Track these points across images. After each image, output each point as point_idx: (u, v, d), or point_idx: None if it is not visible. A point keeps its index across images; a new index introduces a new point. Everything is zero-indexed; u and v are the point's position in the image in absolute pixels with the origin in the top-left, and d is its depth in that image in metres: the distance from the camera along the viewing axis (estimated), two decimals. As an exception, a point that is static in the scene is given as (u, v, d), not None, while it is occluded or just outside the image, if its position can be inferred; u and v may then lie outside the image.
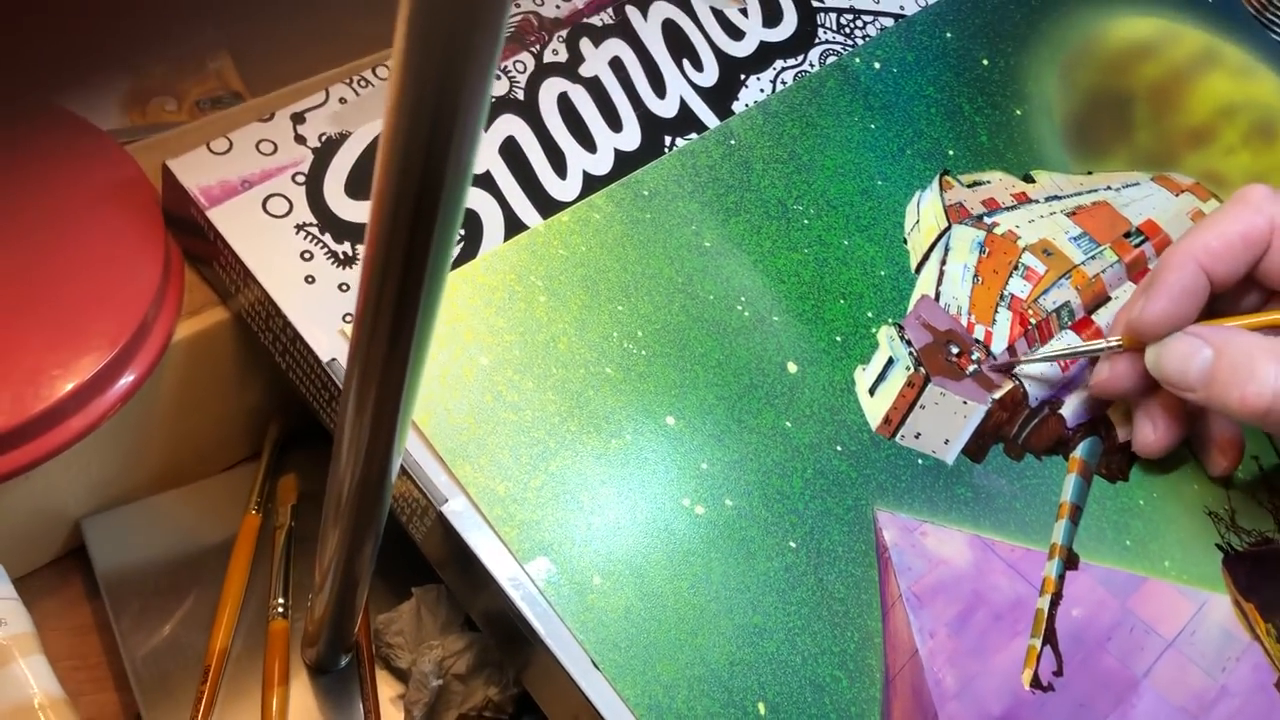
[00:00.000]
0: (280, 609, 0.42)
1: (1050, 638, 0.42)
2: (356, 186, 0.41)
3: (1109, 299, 0.49)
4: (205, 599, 0.43)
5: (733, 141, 0.47)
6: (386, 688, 0.42)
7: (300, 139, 0.41)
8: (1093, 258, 0.50)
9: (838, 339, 0.45)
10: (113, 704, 0.42)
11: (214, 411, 0.45)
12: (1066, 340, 0.47)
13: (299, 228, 0.40)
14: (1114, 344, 0.45)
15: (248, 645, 0.42)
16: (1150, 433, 0.45)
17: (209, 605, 0.43)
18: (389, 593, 0.43)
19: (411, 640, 0.41)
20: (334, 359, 0.39)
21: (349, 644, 0.42)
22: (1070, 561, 0.44)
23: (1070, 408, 0.47)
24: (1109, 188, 0.52)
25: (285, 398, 0.46)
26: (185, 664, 0.42)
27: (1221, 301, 0.44)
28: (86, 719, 0.40)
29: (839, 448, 0.43)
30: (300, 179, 0.41)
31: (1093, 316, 0.49)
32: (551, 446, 0.39)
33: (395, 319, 0.28)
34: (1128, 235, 0.51)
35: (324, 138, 0.41)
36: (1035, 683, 0.41)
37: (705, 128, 0.47)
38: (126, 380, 0.40)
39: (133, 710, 0.42)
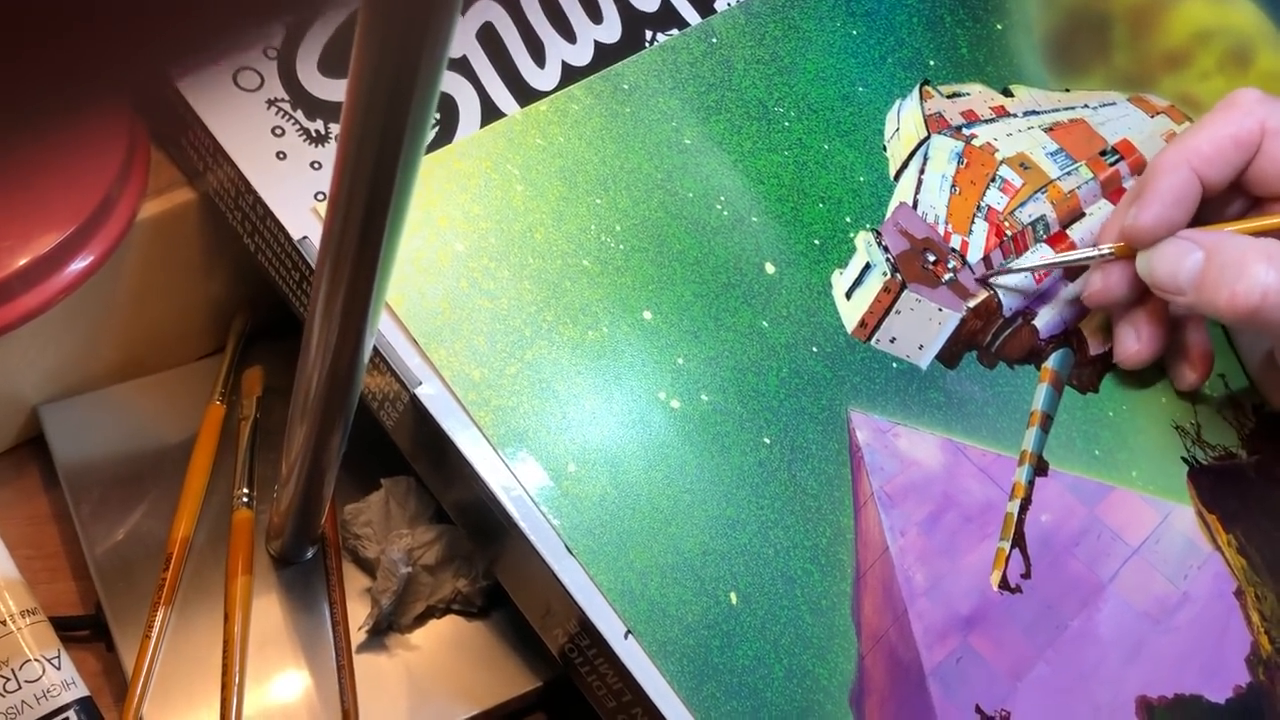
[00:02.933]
0: (245, 499, 0.42)
1: (1019, 541, 0.42)
2: (330, 64, 0.40)
3: (1083, 215, 0.49)
4: (168, 490, 0.42)
5: (714, 40, 0.46)
6: (353, 581, 0.42)
7: (272, 14, 0.40)
8: (1069, 174, 0.50)
9: (816, 242, 0.44)
10: (70, 593, 0.42)
11: (178, 299, 0.44)
12: (1045, 251, 0.47)
13: (270, 103, 0.39)
14: (1106, 252, 0.45)
15: (211, 536, 0.42)
16: (1133, 342, 0.45)
17: (171, 496, 0.42)
18: (356, 486, 0.42)
19: (380, 531, 0.41)
20: (305, 237, 0.38)
21: (315, 535, 0.41)
22: (1040, 468, 0.44)
23: (1043, 319, 0.47)
24: (1086, 106, 0.52)
25: (249, 291, 0.45)
26: (147, 554, 0.41)
27: (1208, 209, 0.44)
28: (43, 607, 0.39)
29: (814, 349, 0.42)
30: (272, 53, 0.39)
31: (1067, 231, 0.49)
32: (527, 335, 0.39)
33: (370, 198, 0.28)
34: (1103, 153, 0.51)
35: (297, 13, 0.40)
36: (1003, 584, 0.41)
37: (686, 24, 0.46)
38: (85, 260, 0.39)
39: (91, 599, 0.41)
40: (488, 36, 0.43)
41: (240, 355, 0.45)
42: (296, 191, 0.38)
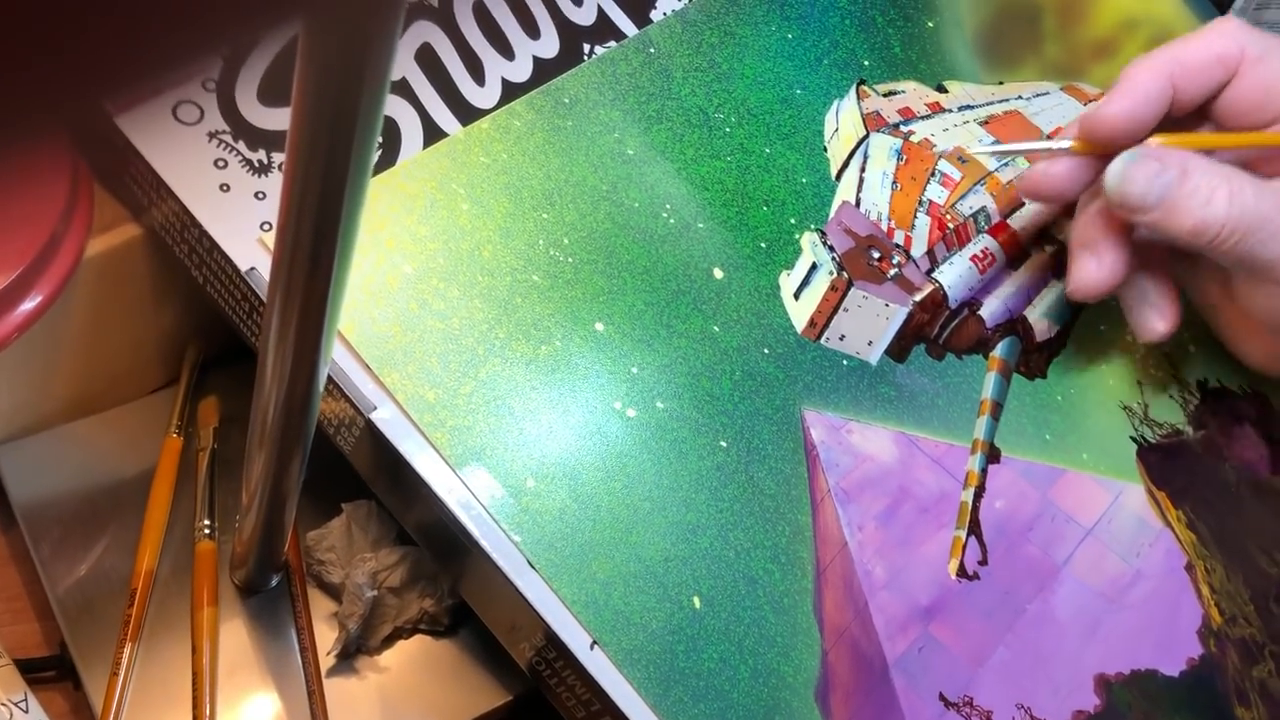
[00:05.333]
0: (207, 530, 0.42)
1: (975, 529, 0.43)
2: (270, 93, 0.40)
3: (1023, 204, 0.50)
4: (128, 524, 0.42)
5: (652, 50, 0.46)
6: (319, 606, 0.42)
7: (209, 46, 0.40)
8: (1006, 165, 0.51)
9: (762, 245, 0.45)
10: (34, 634, 0.41)
11: (129, 334, 0.44)
12: (988, 242, 0.48)
13: (211, 135, 0.39)
14: (1064, 145, 0.44)
15: (175, 568, 0.42)
16: (1093, 268, 0.43)
17: (132, 531, 0.42)
18: (317, 511, 0.42)
19: (343, 556, 0.41)
20: (253, 268, 0.38)
21: (279, 563, 0.41)
22: (992, 456, 0.45)
23: (989, 309, 0.48)
24: (1020, 97, 0.53)
25: (201, 321, 0.45)
26: (110, 590, 0.41)
27: (1167, 128, 0.43)
28: (7, 650, 0.39)
29: (766, 350, 0.43)
30: (211, 85, 0.40)
31: (1008, 221, 0.50)
32: (480, 354, 0.39)
33: (318, 226, 0.28)
34: (1039, 143, 0.52)
35: (234, 44, 0.40)
36: (961, 572, 0.42)
37: (624, 36, 0.46)
38: (34, 300, 0.39)
39: (56, 639, 0.41)
40: (426, 57, 0.43)
41: (194, 386, 0.45)
42: (242, 223, 0.38)
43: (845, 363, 0.44)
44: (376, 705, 0.40)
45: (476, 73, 0.43)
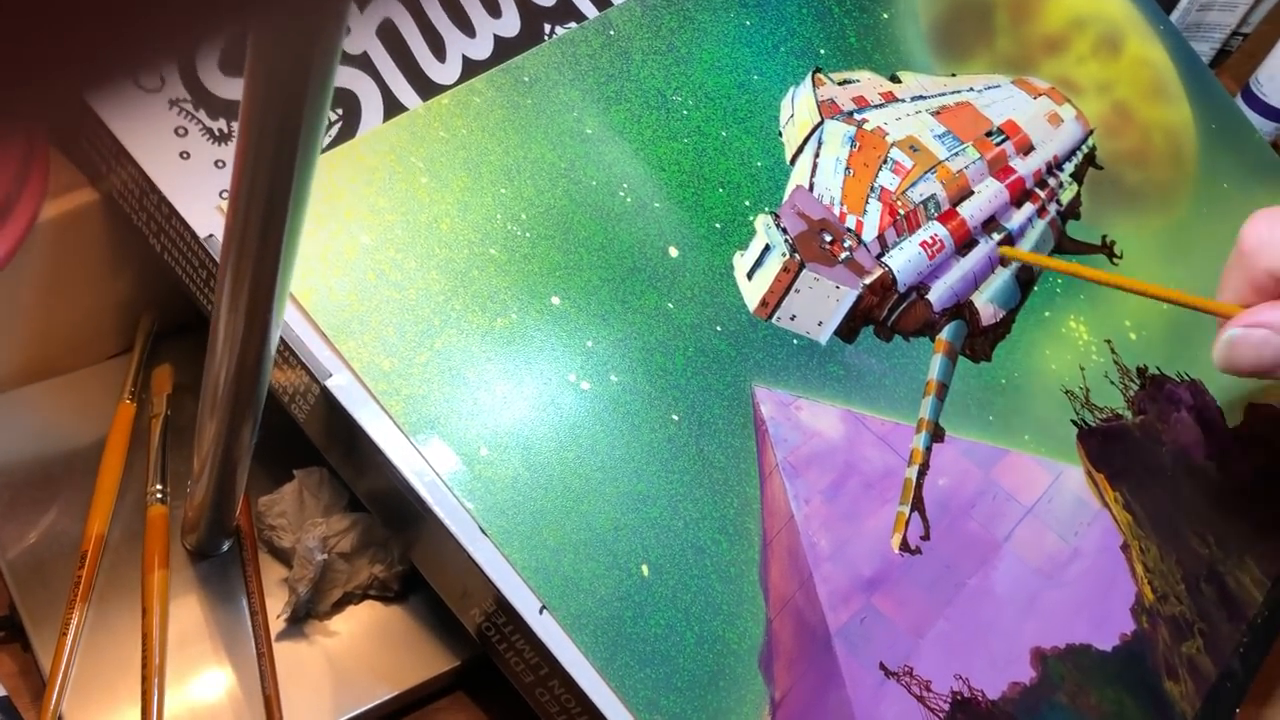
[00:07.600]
0: (159, 495, 0.42)
1: (918, 505, 0.44)
2: (231, 63, 0.40)
3: (972, 193, 0.52)
4: (80, 489, 0.42)
5: (612, 32, 0.47)
6: (270, 571, 0.42)
7: (170, 12, 0.40)
8: (956, 154, 0.52)
9: (717, 226, 0.46)
10: (-17, 597, 0.41)
11: (83, 300, 0.44)
12: (937, 229, 0.49)
13: (172, 103, 0.39)
14: None
15: (126, 533, 0.42)
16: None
17: (84, 495, 0.42)
18: (269, 477, 0.43)
19: (294, 521, 0.41)
20: (211, 235, 0.38)
21: (230, 528, 0.42)
22: (937, 435, 0.46)
23: (937, 293, 0.49)
24: (971, 89, 0.55)
25: (156, 290, 0.45)
26: (61, 553, 0.41)
27: None
28: (-44, 611, 0.39)
29: (719, 328, 0.44)
30: (171, 52, 0.40)
31: (957, 209, 0.51)
32: (436, 324, 0.39)
33: (270, 193, 0.28)
34: (989, 134, 0.53)
35: (195, 12, 0.40)
36: (904, 546, 0.43)
37: (584, 17, 0.47)
38: (-11, 263, 0.39)
39: (4, 600, 0.41)
40: (388, 32, 0.43)
41: (149, 353, 0.45)
42: (201, 190, 0.38)
43: (795, 342, 0.45)
44: (326, 669, 0.40)
45: (437, 49, 0.44)
